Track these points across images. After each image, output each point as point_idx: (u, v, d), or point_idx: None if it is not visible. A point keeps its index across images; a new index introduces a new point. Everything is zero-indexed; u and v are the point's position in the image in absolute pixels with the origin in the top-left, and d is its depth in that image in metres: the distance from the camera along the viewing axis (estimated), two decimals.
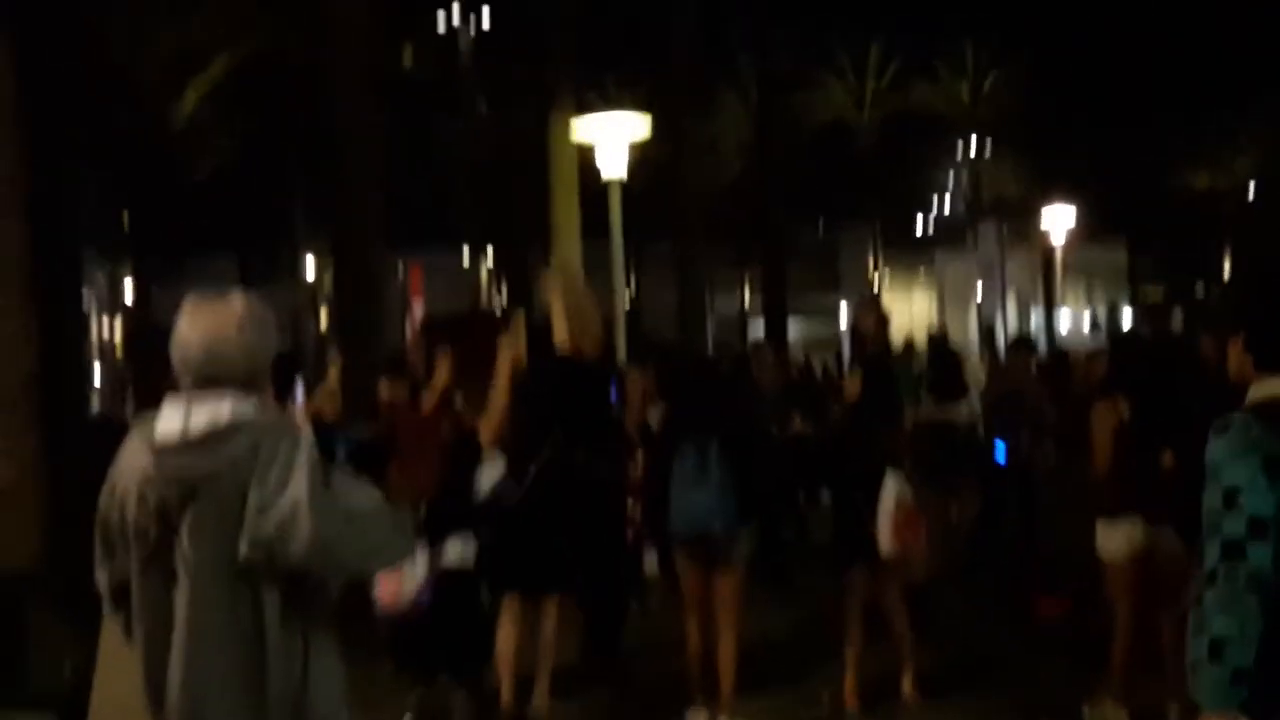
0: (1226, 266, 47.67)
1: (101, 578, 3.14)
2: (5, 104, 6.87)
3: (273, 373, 3.26)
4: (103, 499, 3.08)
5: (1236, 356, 3.08)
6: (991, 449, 9.19)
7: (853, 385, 6.63)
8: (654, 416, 7.73)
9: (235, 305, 3.07)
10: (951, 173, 46.31)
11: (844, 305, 38.09)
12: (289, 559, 2.86)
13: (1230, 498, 2.76)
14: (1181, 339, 12.43)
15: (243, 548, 2.86)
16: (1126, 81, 39.39)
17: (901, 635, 6.12)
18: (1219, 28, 36.55)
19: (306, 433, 3.04)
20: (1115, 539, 5.70)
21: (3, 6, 6.97)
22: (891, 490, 5.98)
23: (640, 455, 7.52)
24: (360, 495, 3.01)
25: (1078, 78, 38.70)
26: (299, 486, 2.86)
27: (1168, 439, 5.67)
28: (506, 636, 6.01)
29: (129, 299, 24.00)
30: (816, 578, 7.24)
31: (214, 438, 2.93)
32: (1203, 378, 6.64)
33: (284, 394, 5.97)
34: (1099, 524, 5.76)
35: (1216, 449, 2.84)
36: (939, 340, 16.27)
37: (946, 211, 47.86)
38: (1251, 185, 48.39)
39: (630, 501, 7.21)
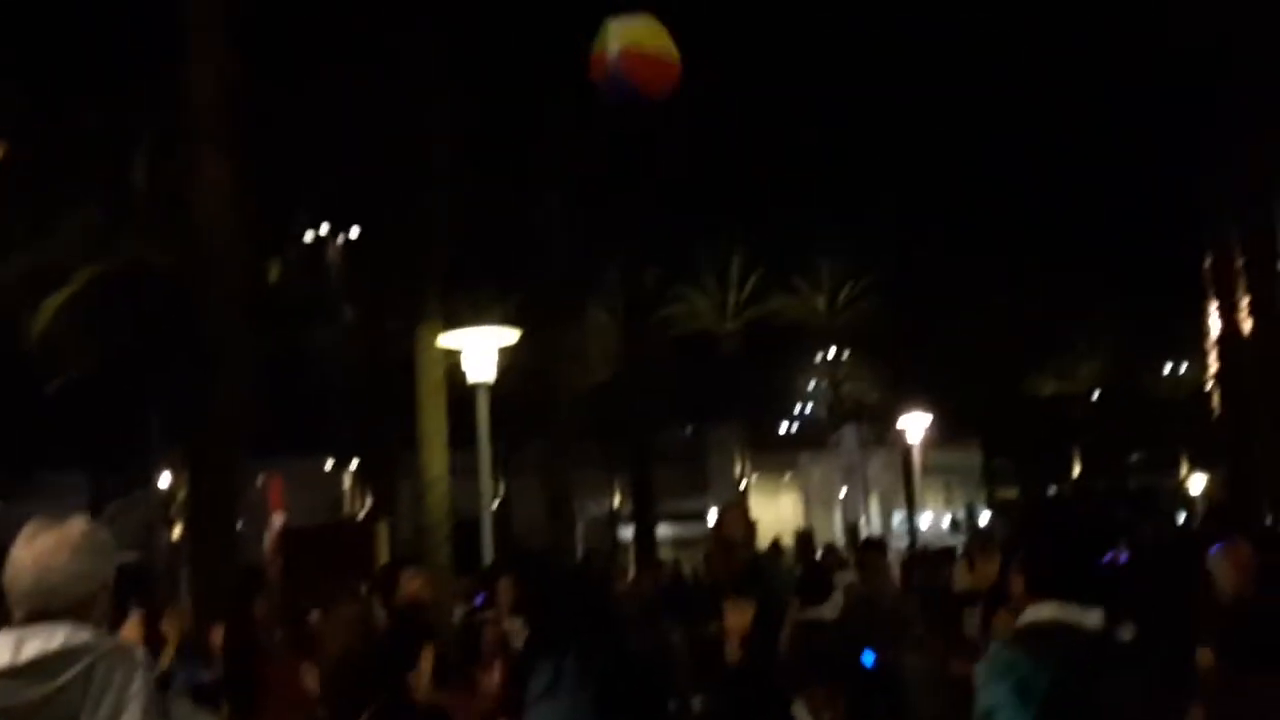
0: (1075, 468, 49.49)
1: None
2: None
3: (127, 589, 3.16)
4: None
5: (1016, 582, 3.24)
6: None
7: (739, 617, 6.29)
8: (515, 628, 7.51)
9: (70, 531, 3.00)
10: (813, 378, 47.63)
11: (713, 508, 38.29)
12: None
13: (986, 717, 2.97)
14: None
15: None
16: (976, 295, 41.26)
17: None
18: (1059, 247, 38.82)
19: (142, 658, 2.94)
20: None
21: None
22: None
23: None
24: None
25: (929, 290, 40.45)
26: (132, 717, 2.76)
27: None
28: None
29: None
30: None
31: (44, 665, 2.82)
32: None
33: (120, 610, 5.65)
34: None
35: (980, 670, 3.07)
36: (805, 539, 16.45)
37: (809, 415, 48.99)
38: (1094, 391, 50.68)
39: None
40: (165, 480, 25.31)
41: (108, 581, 3.02)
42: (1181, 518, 33.97)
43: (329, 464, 31.90)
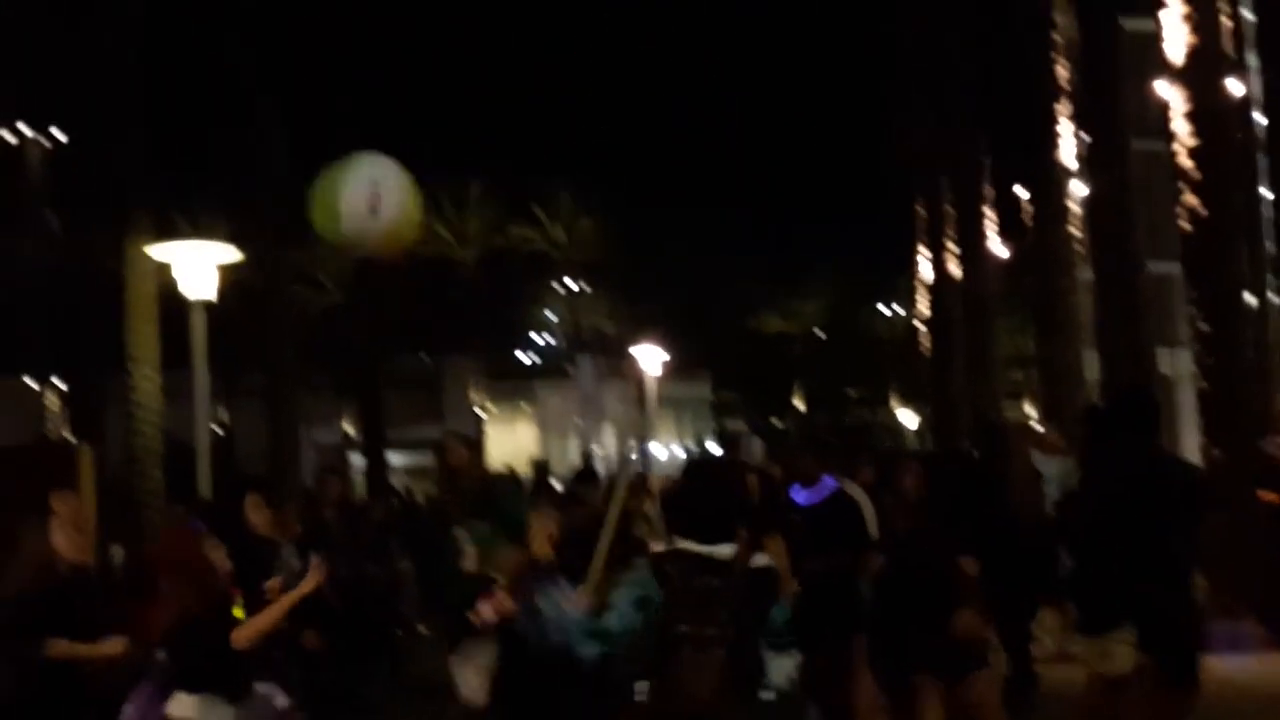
0: (796, 401, 51.67)
1: None
2: None
3: None
4: None
5: None
6: None
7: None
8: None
9: None
10: (550, 310, 47.71)
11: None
12: None
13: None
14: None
15: None
16: (711, 234, 42.22)
17: None
18: (789, 194, 40.14)
19: None
20: None
21: None
22: None
23: None
24: None
25: (665, 227, 41.11)
26: None
27: None
28: None
29: None
30: None
31: None
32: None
33: None
34: None
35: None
36: (541, 467, 16.50)
37: (547, 345, 49.13)
38: (816, 330, 52.96)
39: None
40: None
41: None
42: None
43: (31, 384, 30.09)
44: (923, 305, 31.31)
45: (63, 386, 26.30)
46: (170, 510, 12.22)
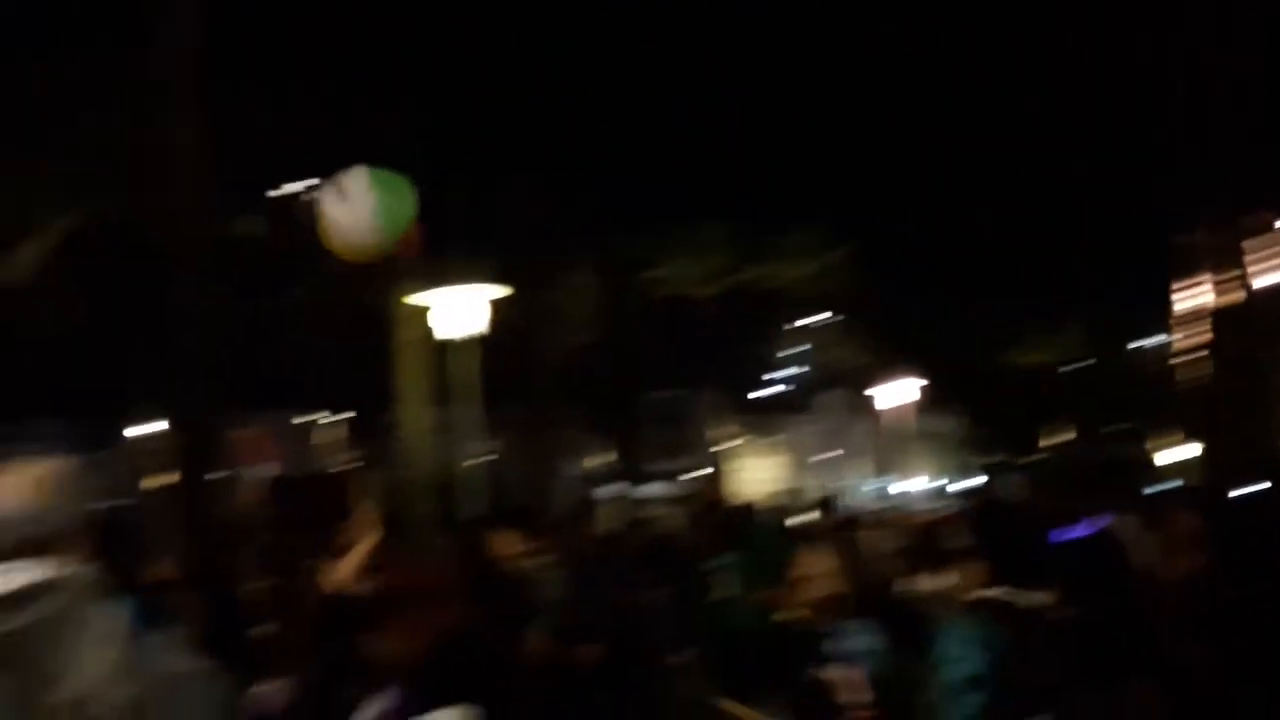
0: (1061, 437, 50.13)
1: None
2: None
3: (107, 540, 3.13)
4: None
5: None
6: None
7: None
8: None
9: (35, 471, 2.97)
10: (796, 344, 47.70)
11: (693, 470, 38.62)
12: None
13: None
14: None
15: (41, 713, 2.70)
16: (957, 273, 41.42)
17: None
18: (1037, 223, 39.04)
19: (106, 593, 2.90)
20: None
21: None
22: None
23: None
24: (173, 660, 2.88)
25: (913, 263, 40.53)
26: (104, 651, 2.73)
27: None
28: None
29: None
30: None
31: (17, 599, 2.78)
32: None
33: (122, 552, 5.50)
34: None
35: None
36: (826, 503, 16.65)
37: (791, 378, 49.07)
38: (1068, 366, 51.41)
39: None
40: (147, 429, 25.29)
41: (77, 519, 2.97)
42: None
43: (309, 418, 32.02)
44: (1184, 335, 30.07)
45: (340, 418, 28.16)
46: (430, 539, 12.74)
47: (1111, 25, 25.05)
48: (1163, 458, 45.28)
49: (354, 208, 4.79)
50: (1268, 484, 9.24)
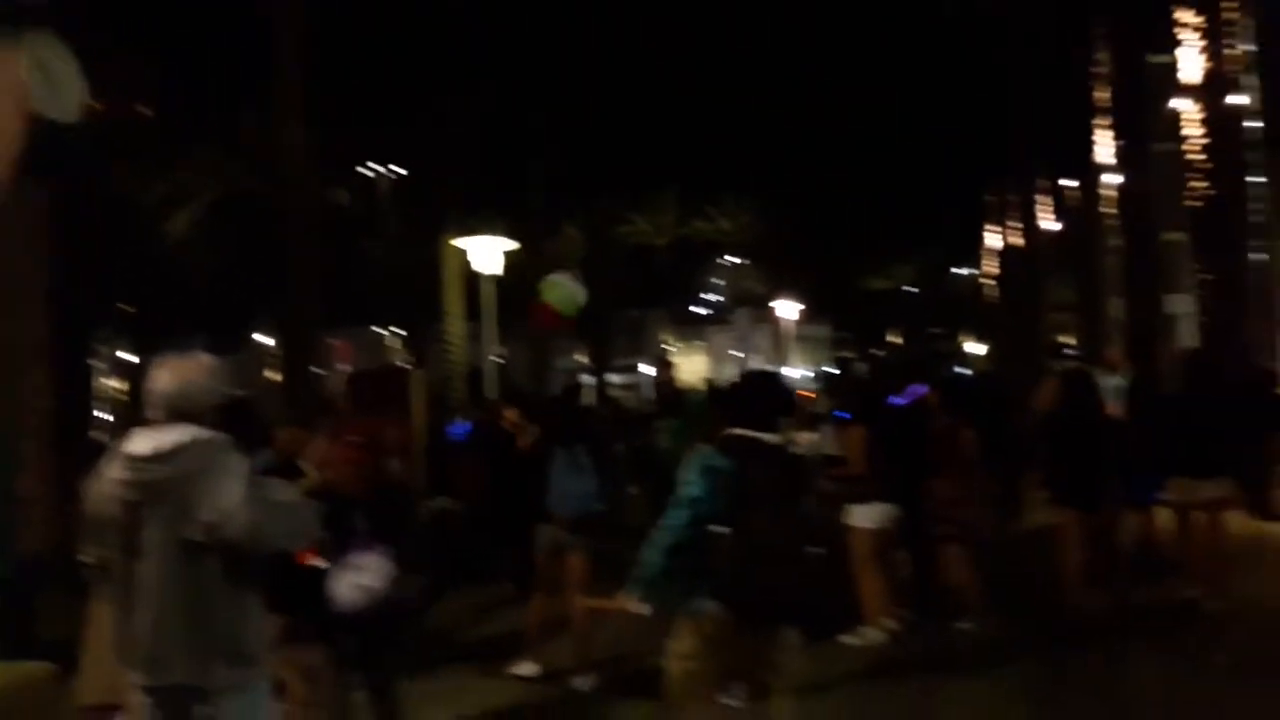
0: (893, 338, 50.49)
1: (87, 556, 2.99)
2: (40, 232, 6.59)
3: (233, 416, 3.16)
4: (89, 498, 2.95)
5: None
6: None
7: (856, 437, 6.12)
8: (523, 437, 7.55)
9: (200, 359, 3.02)
10: (718, 277, 47.61)
11: (647, 366, 38.71)
12: (227, 538, 2.77)
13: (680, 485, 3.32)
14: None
15: (193, 531, 2.76)
16: (831, 219, 41.21)
17: None
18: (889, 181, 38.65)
19: (240, 450, 2.96)
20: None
21: (41, 162, 6.64)
22: None
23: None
24: (284, 494, 2.97)
25: (798, 219, 40.39)
26: (236, 487, 2.80)
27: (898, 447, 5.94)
28: None
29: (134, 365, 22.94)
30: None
31: (173, 454, 2.85)
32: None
33: (247, 433, 5.22)
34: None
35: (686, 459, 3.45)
36: (713, 386, 16.76)
37: (717, 302, 49.10)
38: (906, 288, 51.58)
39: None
40: (267, 341, 25.19)
41: (213, 399, 3.02)
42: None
43: (381, 332, 31.86)
44: (989, 266, 30.27)
45: (401, 333, 27.98)
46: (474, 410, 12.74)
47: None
48: (970, 351, 46.07)
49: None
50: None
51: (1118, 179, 20.45)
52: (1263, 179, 19.94)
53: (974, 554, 5.90)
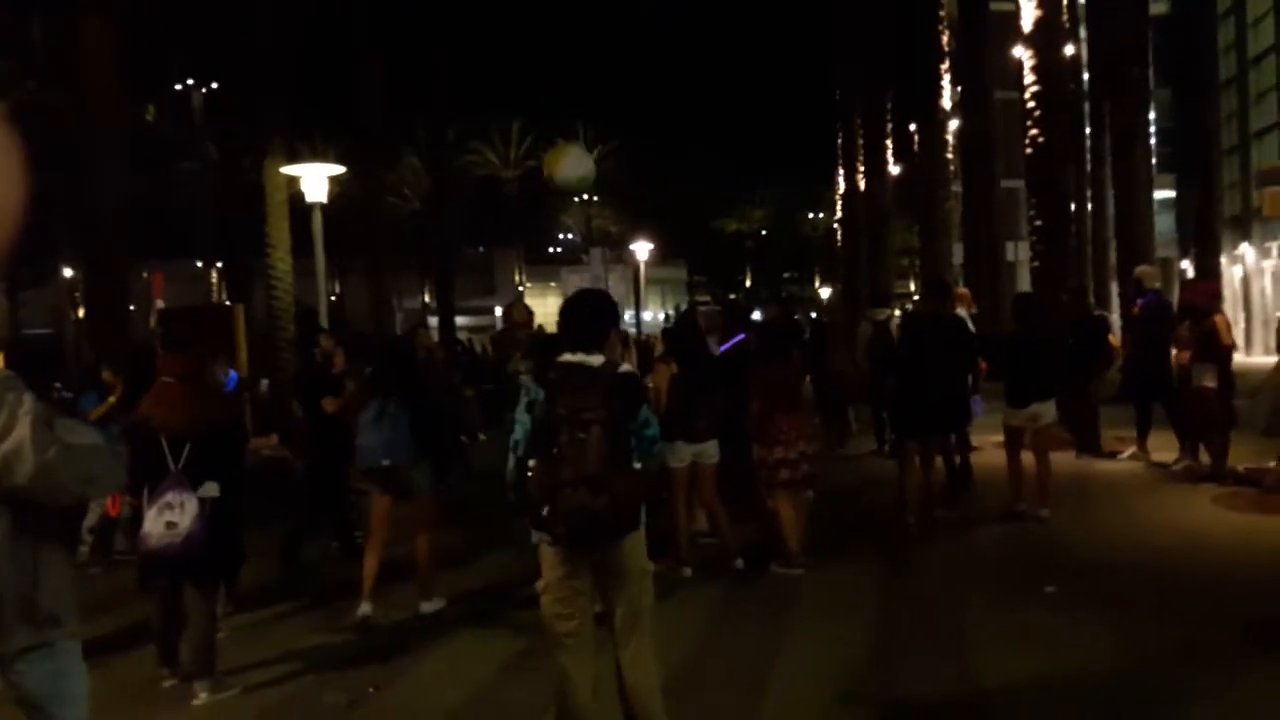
0: (747, 280, 51.84)
1: None
2: None
3: (34, 354, 2.98)
4: None
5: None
6: None
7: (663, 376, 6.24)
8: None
9: None
10: (571, 216, 47.44)
11: (497, 306, 38.30)
12: (14, 484, 2.62)
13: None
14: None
15: None
16: (686, 160, 41.86)
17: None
18: (744, 129, 39.44)
19: (25, 386, 2.77)
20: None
21: None
22: None
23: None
24: (80, 436, 2.78)
25: (656, 154, 40.67)
26: (23, 428, 2.63)
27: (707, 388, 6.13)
28: None
29: None
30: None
31: None
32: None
33: (51, 372, 5.03)
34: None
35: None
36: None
37: (569, 240, 48.97)
38: (763, 231, 52.88)
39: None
40: (68, 273, 23.26)
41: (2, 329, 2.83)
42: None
43: (199, 265, 30.19)
44: (840, 211, 31.38)
45: (220, 266, 26.55)
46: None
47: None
48: (820, 294, 48.03)
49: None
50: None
51: (959, 123, 21.62)
52: (1089, 129, 21.62)
53: (803, 492, 6.24)
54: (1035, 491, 6.97)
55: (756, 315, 12.22)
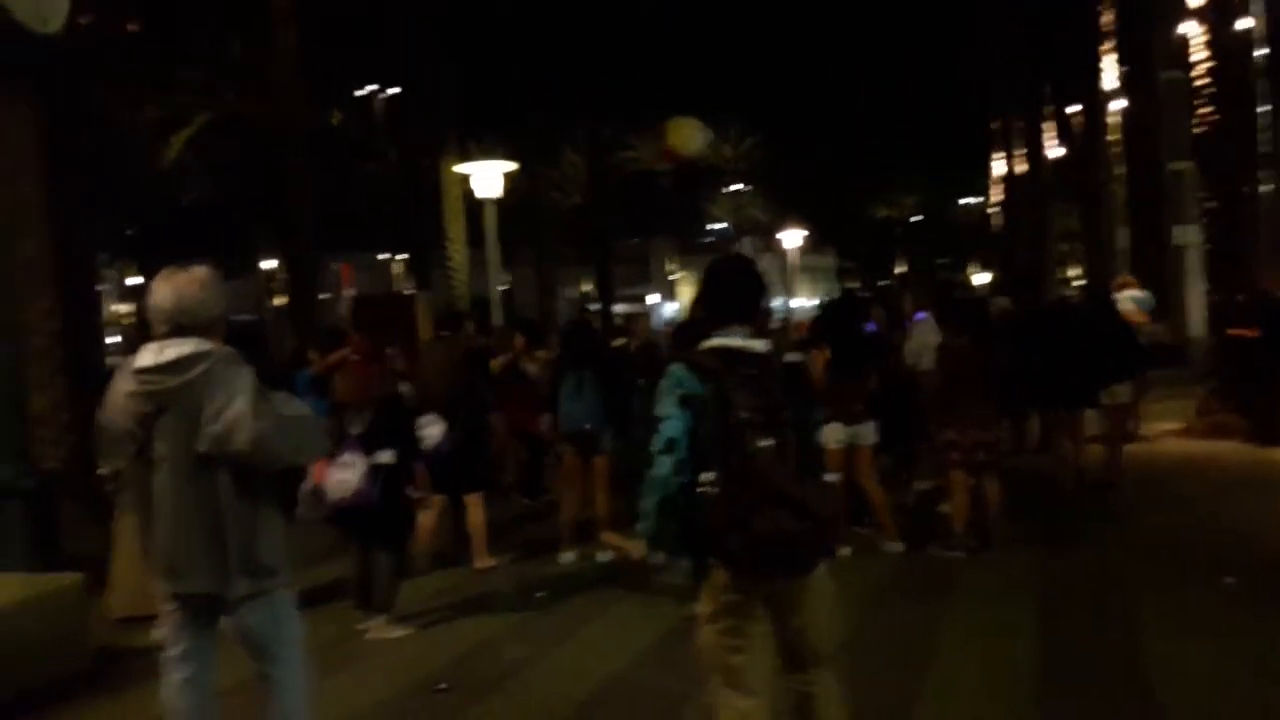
0: (896, 268, 50.21)
1: (105, 468, 3.04)
2: (29, 152, 6.51)
3: (242, 339, 3.17)
4: (101, 412, 2.98)
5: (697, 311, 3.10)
6: None
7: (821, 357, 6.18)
8: (527, 364, 8.05)
9: (199, 272, 2.98)
10: (724, 206, 47.23)
11: (651, 296, 38.70)
12: (234, 451, 2.80)
13: (658, 421, 2.59)
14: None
15: (200, 443, 2.79)
16: (834, 146, 40.95)
17: None
18: (895, 117, 38.27)
19: (245, 362, 2.94)
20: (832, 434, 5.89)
21: (30, 77, 6.55)
22: None
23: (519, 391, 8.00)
24: (290, 408, 2.95)
25: (804, 143, 39.98)
26: (243, 399, 2.81)
27: (861, 370, 6.02)
28: (428, 519, 6.11)
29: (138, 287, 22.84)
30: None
31: (179, 365, 2.85)
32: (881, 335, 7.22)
33: (257, 355, 5.55)
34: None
35: (660, 386, 2.63)
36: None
37: (720, 229, 48.77)
38: (913, 218, 51.14)
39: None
40: (268, 265, 25.04)
41: (223, 312, 3.01)
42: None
43: (380, 257, 31.83)
44: (995, 194, 29.97)
45: (404, 258, 27.88)
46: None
47: None
48: (975, 281, 45.92)
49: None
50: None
51: (1122, 104, 20.04)
52: (1269, 107, 19.66)
53: (985, 477, 5.97)
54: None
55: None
